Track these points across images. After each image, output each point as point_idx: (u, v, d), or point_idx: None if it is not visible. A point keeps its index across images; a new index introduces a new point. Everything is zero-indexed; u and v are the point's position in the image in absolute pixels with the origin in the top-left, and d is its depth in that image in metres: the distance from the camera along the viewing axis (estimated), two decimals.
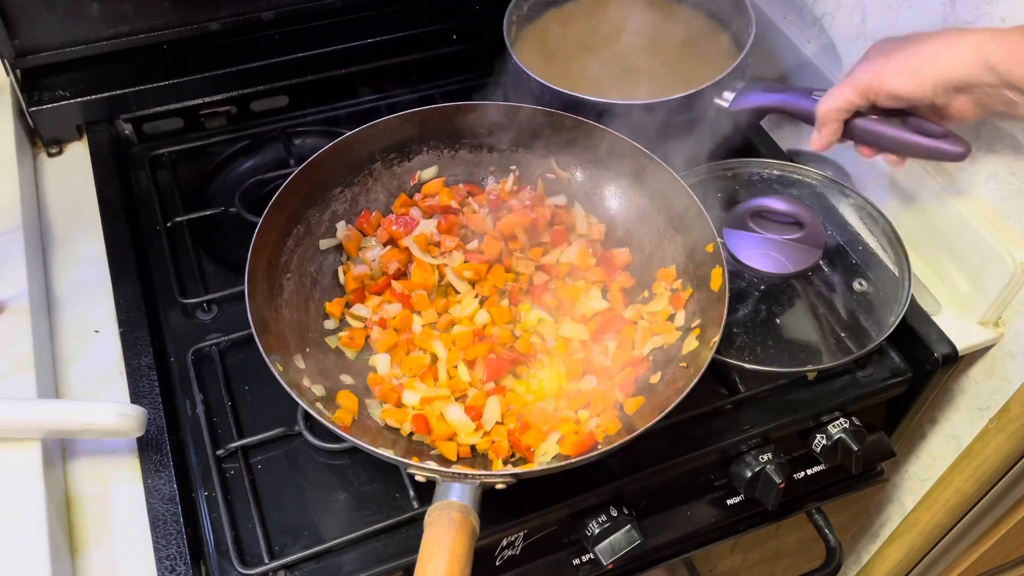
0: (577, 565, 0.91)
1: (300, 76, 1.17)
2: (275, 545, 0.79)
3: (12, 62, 1.08)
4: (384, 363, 0.88)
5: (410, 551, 0.79)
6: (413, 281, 0.92)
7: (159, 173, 1.09)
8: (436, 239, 0.95)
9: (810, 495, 1.02)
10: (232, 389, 0.89)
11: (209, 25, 1.15)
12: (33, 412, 0.78)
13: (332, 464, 0.85)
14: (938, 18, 0.94)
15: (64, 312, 0.96)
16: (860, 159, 0.92)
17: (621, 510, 0.86)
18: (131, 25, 1.11)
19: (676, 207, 0.91)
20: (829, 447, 0.93)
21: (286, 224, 0.89)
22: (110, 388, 0.89)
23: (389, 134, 0.95)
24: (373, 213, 0.96)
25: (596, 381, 0.86)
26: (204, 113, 1.15)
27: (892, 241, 0.99)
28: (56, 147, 1.12)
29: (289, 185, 0.88)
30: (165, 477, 0.81)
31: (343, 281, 0.93)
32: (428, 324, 0.90)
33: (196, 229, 1.03)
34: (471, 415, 0.83)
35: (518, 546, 0.85)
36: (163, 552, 0.76)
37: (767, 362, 0.90)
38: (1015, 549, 1.30)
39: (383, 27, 1.21)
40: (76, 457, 0.84)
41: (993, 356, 1.01)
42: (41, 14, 1.06)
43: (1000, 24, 0.88)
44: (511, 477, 0.72)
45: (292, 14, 1.19)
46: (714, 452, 0.89)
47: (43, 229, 1.03)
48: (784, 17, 1.19)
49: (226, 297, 0.95)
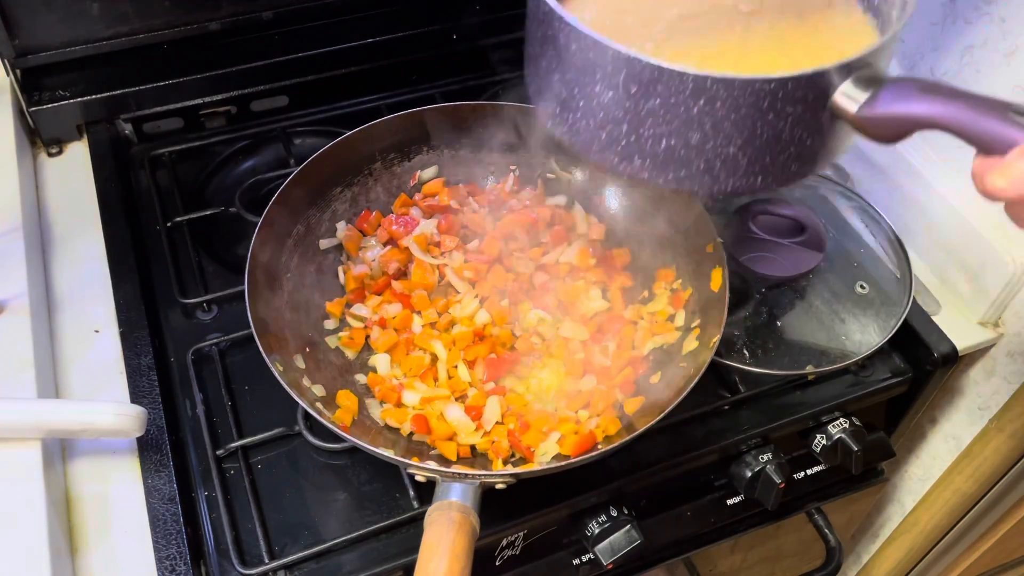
0: (577, 565, 0.91)
1: (300, 76, 1.17)
2: (275, 545, 0.79)
3: (12, 62, 1.08)
4: (384, 363, 0.88)
5: (410, 551, 0.79)
6: (413, 281, 0.92)
7: (159, 173, 1.09)
8: (436, 239, 0.95)
9: (810, 495, 1.02)
10: (232, 389, 0.89)
11: (209, 25, 1.15)
12: (33, 412, 0.78)
13: (332, 464, 0.85)
14: (938, 18, 0.94)
15: (64, 312, 0.95)
16: (861, 160, 0.92)
17: (621, 510, 0.86)
18: (131, 25, 1.11)
19: (676, 207, 0.91)
20: (829, 447, 0.93)
21: (286, 224, 0.89)
22: (110, 388, 0.89)
23: (389, 134, 0.95)
24: (373, 213, 0.96)
25: (596, 381, 0.86)
26: (204, 113, 1.15)
27: (893, 243, 0.99)
28: (56, 147, 1.12)
29: (289, 185, 0.88)
30: (165, 477, 0.81)
31: (343, 281, 0.93)
32: (428, 324, 0.90)
33: (196, 229, 1.03)
34: (471, 415, 0.83)
35: (518, 546, 0.85)
36: (163, 552, 0.76)
37: (767, 364, 0.90)
38: (1015, 549, 1.30)
39: (383, 27, 1.21)
40: (76, 457, 0.84)
41: (993, 356, 1.01)
42: (41, 14, 1.06)
43: (1000, 24, 0.88)
44: (511, 477, 0.72)
45: (292, 14, 1.19)
46: (714, 452, 0.89)
47: (43, 229, 1.03)
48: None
49: (226, 297, 0.95)
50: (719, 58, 0.67)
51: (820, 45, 0.69)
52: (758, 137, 0.60)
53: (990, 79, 0.91)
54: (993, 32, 0.89)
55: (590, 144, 0.66)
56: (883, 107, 0.58)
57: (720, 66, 0.61)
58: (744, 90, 0.57)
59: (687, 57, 0.66)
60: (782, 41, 0.69)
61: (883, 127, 0.59)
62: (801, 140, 0.61)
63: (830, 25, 0.70)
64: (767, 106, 0.58)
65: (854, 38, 0.70)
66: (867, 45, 0.60)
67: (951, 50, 0.94)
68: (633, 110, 0.60)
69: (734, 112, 0.59)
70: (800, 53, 0.68)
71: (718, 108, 0.58)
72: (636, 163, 0.64)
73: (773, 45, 0.69)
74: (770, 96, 0.58)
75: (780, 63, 0.66)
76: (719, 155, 0.62)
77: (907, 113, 0.57)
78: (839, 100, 0.59)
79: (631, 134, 0.62)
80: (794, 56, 0.68)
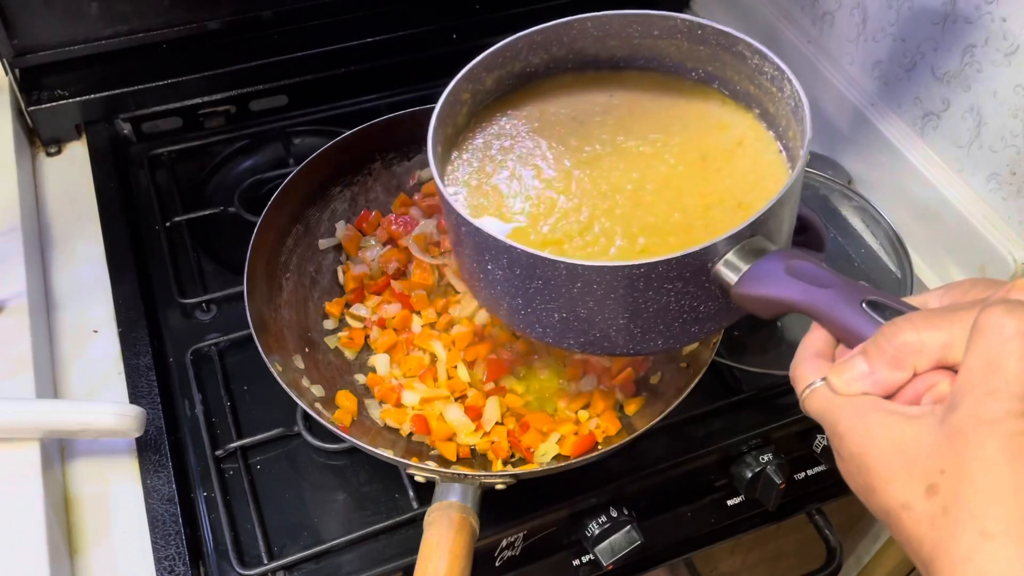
0: (577, 566, 0.91)
1: (299, 76, 1.17)
2: (274, 546, 0.79)
3: (11, 61, 1.08)
4: (383, 363, 0.88)
5: (410, 551, 0.78)
6: (412, 281, 0.92)
7: (158, 173, 1.09)
8: (436, 239, 0.95)
9: (810, 495, 1.01)
10: (231, 389, 0.89)
11: (208, 24, 1.15)
12: (32, 412, 0.78)
13: (331, 464, 0.85)
14: (938, 18, 0.94)
15: (63, 312, 0.95)
16: (861, 160, 0.92)
17: (621, 511, 0.86)
18: (130, 24, 1.11)
19: None
20: (829, 447, 0.93)
21: (285, 224, 0.89)
22: (109, 388, 0.89)
23: (389, 134, 0.95)
24: (372, 213, 0.96)
25: (596, 381, 0.86)
26: (203, 112, 1.15)
27: (894, 243, 0.99)
28: (55, 147, 1.12)
29: (288, 184, 0.88)
30: (164, 477, 0.80)
31: (342, 281, 0.93)
32: (427, 324, 0.90)
33: (195, 229, 1.02)
34: (471, 415, 0.83)
35: (518, 547, 0.85)
36: (162, 552, 0.76)
37: (767, 364, 0.89)
38: None
39: (383, 27, 1.21)
40: (75, 457, 0.84)
41: None
42: (40, 13, 1.05)
43: (1001, 24, 0.88)
44: (511, 478, 0.72)
45: (292, 13, 1.18)
46: (714, 453, 0.89)
47: (42, 229, 1.03)
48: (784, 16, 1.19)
49: (225, 297, 0.95)
50: (610, 214, 0.68)
51: (719, 191, 0.68)
52: (644, 311, 0.60)
53: (990, 79, 0.91)
54: (994, 32, 0.89)
55: (497, 311, 0.69)
56: (750, 288, 0.56)
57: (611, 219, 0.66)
58: (615, 275, 0.58)
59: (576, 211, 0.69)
60: (679, 190, 0.69)
61: (757, 306, 0.57)
62: (693, 308, 0.61)
63: (732, 168, 0.69)
64: (643, 286, 0.58)
65: (759, 182, 0.68)
66: (757, 207, 0.58)
67: (951, 50, 0.94)
68: (522, 288, 0.63)
69: (612, 292, 0.59)
70: (694, 202, 0.68)
71: (595, 290, 0.60)
72: (539, 330, 0.66)
73: (670, 194, 0.69)
74: (643, 278, 0.58)
75: (671, 216, 0.67)
76: (612, 326, 0.63)
77: (771, 296, 0.55)
78: (720, 273, 0.57)
79: (527, 307, 0.64)
80: (687, 206, 0.68)
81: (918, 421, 0.44)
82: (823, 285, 0.52)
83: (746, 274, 0.56)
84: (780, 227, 0.61)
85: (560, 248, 0.66)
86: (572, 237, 0.67)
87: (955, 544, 0.40)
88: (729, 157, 0.70)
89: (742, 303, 0.58)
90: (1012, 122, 0.89)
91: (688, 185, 0.69)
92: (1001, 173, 0.92)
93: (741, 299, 0.57)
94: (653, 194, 0.69)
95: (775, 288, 0.54)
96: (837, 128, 1.12)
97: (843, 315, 0.50)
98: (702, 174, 0.69)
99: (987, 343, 0.41)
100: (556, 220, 0.69)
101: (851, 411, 0.47)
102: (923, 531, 0.42)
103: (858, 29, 1.06)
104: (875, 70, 1.06)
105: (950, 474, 0.41)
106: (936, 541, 0.41)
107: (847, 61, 1.10)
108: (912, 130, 1.03)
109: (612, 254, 0.65)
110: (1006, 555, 0.38)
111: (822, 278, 0.53)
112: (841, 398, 0.48)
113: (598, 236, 0.67)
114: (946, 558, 0.40)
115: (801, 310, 0.53)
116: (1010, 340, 0.41)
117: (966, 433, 0.41)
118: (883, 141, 1.05)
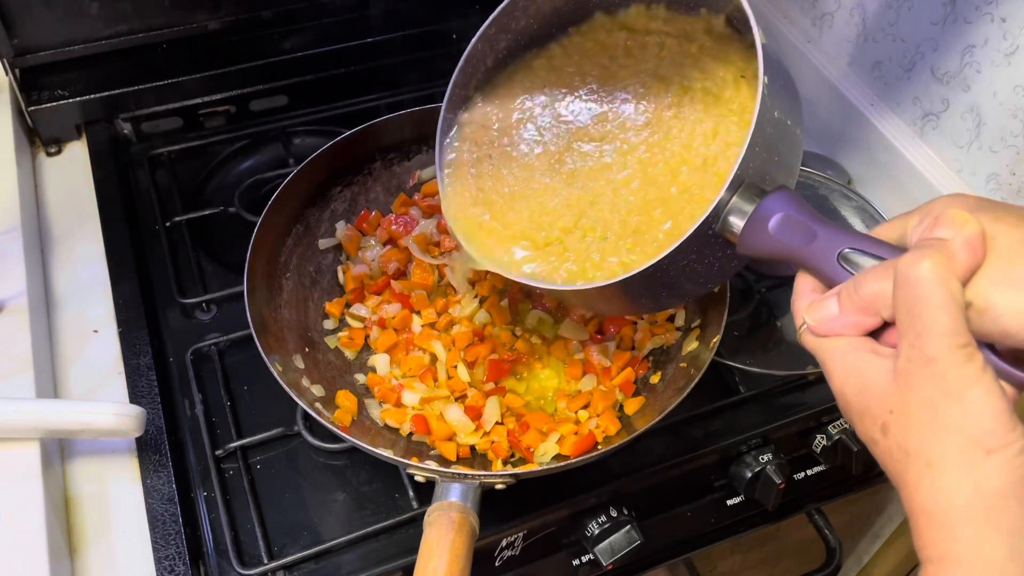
0: (577, 566, 0.91)
1: (299, 76, 1.17)
2: (274, 545, 0.79)
3: (11, 61, 1.08)
4: (383, 363, 0.88)
5: (410, 551, 0.78)
6: (412, 281, 0.92)
7: (158, 172, 1.09)
8: (436, 239, 0.95)
9: (810, 495, 1.01)
10: (231, 389, 0.89)
11: (208, 24, 1.15)
12: (32, 412, 0.78)
13: (331, 464, 0.85)
14: (938, 18, 0.94)
15: (63, 312, 0.95)
16: (861, 160, 0.92)
17: (621, 511, 0.86)
18: (130, 24, 1.11)
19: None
20: (829, 447, 0.93)
21: (285, 224, 0.89)
22: (109, 388, 0.89)
23: (389, 134, 0.95)
24: (372, 213, 0.96)
25: (596, 381, 0.86)
26: (203, 112, 1.15)
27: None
28: (55, 146, 1.12)
29: (288, 184, 0.88)
30: (164, 477, 0.80)
31: (342, 281, 0.93)
32: (427, 324, 0.90)
33: (195, 229, 1.02)
34: (470, 415, 0.83)
35: (518, 547, 0.85)
36: (162, 552, 0.76)
37: (767, 364, 0.89)
38: None
39: (383, 27, 1.21)
40: (75, 457, 0.84)
41: None
42: (40, 13, 1.06)
43: (1000, 24, 0.88)
44: (510, 477, 0.72)
45: (292, 14, 1.18)
46: (714, 452, 0.89)
47: (42, 229, 1.03)
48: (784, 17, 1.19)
49: (225, 297, 0.95)
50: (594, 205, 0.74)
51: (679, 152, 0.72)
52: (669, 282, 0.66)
53: (990, 79, 0.91)
54: (993, 32, 0.89)
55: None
56: (745, 250, 0.60)
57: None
58: (603, 289, 0.65)
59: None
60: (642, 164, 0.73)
61: (759, 263, 0.60)
62: (708, 265, 0.64)
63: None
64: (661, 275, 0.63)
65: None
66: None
67: (951, 50, 0.94)
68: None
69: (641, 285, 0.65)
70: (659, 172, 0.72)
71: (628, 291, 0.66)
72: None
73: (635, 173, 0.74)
74: (659, 271, 0.62)
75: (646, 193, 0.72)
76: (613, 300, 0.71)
77: (763, 255, 0.59)
78: (724, 232, 0.60)
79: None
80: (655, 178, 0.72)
81: (881, 363, 0.49)
82: (805, 240, 0.56)
83: (740, 238, 0.60)
84: (772, 159, 0.61)
85: (563, 245, 0.72)
86: (570, 231, 0.73)
87: (908, 474, 0.47)
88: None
89: (747, 257, 0.64)
90: (1012, 122, 0.89)
91: (648, 157, 0.73)
92: (1000, 173, 0.92)
93: (744, 256, 0.63)
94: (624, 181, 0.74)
95: (766, 247, 0.59)
96: (837, 128, 1.12)
97: (822, 269, 0.55)
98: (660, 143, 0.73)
99: (904, 292, 0.46)
100: (551, 221, 0.75)
101: (836, 351, 0.52)
102: (887, 463, 0.49)
103: (858, 29, 1.07)
104: (875, 70, 1.06)
105: (897, 414, 0.47)
106: (896, 471, 0.48)
107: (847, 61, 1.10)
108: (912, 130, 1.03)
109: (609, 239, 0.71)
110: (948, 481, 0.45)
111: (806, 230, 0.56)
112: (828, 339, 0.52)
113: (594, 226, 0.73)
114: (904, 487, 0.48)
115: (791, 262, 0.58)
116: (921, 283, 0.45)
117: (907, 375, 0.46)
118: (883, 141, 1.05)
